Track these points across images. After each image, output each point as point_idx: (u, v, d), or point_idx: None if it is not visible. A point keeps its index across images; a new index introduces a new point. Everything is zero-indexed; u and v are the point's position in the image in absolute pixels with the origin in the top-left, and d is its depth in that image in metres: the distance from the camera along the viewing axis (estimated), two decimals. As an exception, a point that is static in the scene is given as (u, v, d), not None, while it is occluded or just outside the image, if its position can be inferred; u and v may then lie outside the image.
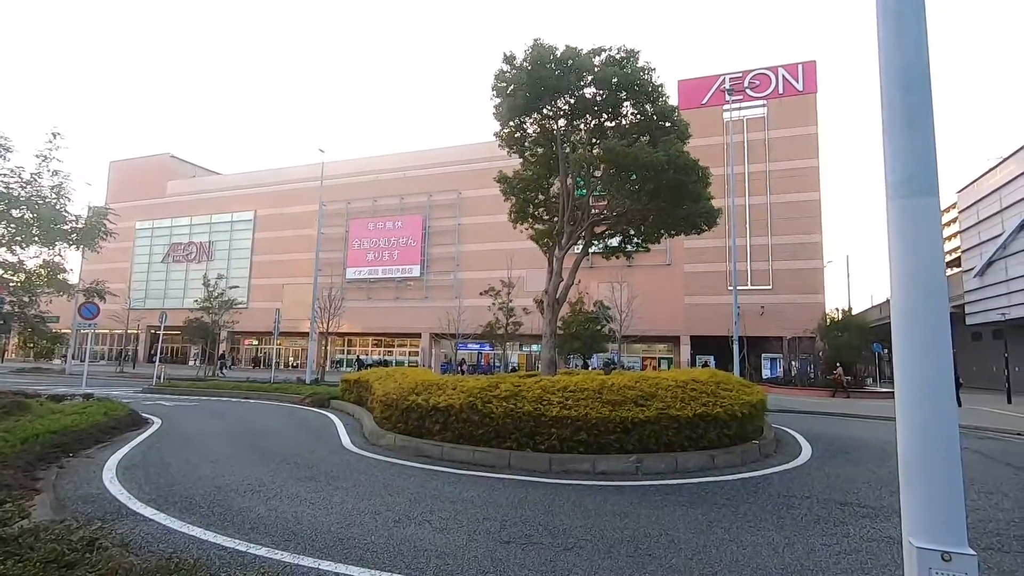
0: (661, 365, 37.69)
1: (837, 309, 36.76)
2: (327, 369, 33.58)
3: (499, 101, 14.48)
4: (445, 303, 37.56)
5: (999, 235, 31.35)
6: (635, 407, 7.94)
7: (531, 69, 13.55)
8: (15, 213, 11.37)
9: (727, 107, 34.34)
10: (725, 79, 36.42)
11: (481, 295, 28.65)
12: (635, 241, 17.09)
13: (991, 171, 33.57)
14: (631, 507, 5.78)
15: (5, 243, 11.58)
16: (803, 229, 34.40)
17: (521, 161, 16.59)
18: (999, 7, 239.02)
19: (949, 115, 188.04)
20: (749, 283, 34.59)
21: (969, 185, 36.57)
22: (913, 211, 1.98)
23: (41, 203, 11.47)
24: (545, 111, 14.77)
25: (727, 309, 28.29)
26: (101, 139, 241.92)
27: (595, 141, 14.85)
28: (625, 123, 14.70)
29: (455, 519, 5.19)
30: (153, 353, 44.73)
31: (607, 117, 14.83)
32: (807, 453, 9.22)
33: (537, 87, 13.70)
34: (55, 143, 11.85)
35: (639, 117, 14.52)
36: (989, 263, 32.35)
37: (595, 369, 28.90)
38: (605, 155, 13.57)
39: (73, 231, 12.05)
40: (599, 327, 30.82)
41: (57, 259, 12.59)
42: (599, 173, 15.04)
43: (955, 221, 47.31)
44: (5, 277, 12.59)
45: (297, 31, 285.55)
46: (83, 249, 12.75)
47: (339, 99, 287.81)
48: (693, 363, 34.20)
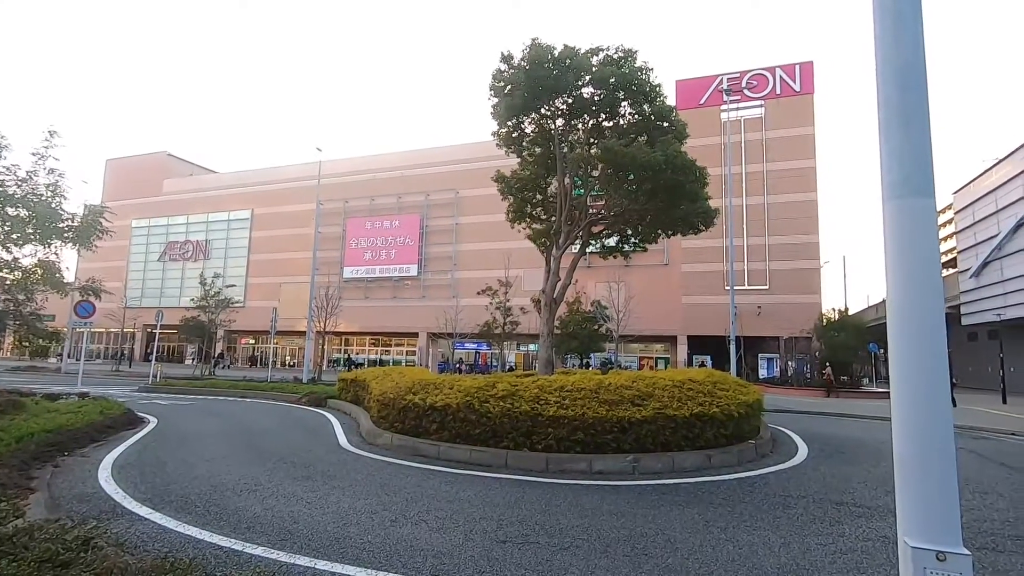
0: (658, 365, 37.74)
1: (834, 309, 36.94)
2: (324, 368, 33.54)
3: (497, 101, 14.49)
4: (442, 302, 37.52)
5: (995, 236, 31.47)
6: (632, 407, 7.95)
7: (529, 69, 13.55)
8: (10, 211, 11.30)
9: (725, 107, 34.41)
10: (723, 79, 36.47)
11: (478, 294, 28.66)
12: (632, 241, 17.12)
13: (987, 172, 33.70)
14: (628, 507, 5.78)
15: (0, 241, 11.53)
16: (800, 229, 34.48)
17: (519, 160, 16.59)
18: (996, 7, 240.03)
19: (946, 116, 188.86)
20: (746, 283, 34.66)
21: (965, 186, 36.71)
22: (909, 211, 1.99)
23: (37, 201, 11.40)
24: (543, 111, 14.78)
25: (724, 309, 28.36)
26: (97, 137, 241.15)
27: (593, 141, 14.87)
28: (623, 123, 14.73)
29: (452, 518, 5.18)
30: (149, 352, 44.58)
31: (605, 117, 14.85)
32: (803, 453, 9.24)
33: (535, 87, 13.70)
34: (51, 141, 11.80)
35: (637, 117, 14.54)
36: (985, 264, 32.48)
37: (593, 369, 28.95)
38: (603, 155, 13.59)
39: (69, 229, 11.99)
40: (596, 327, 30.86)
41: (53, 257, 12.54)
42: (597, 173, 15.07)
43: (951, 222, 47.48)
44: (1, 275, 12.53)
45: (295, 29, 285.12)
46: (79, 247, 12.70)
47: (337, 98, 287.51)
48: (690, 363, 34.26)
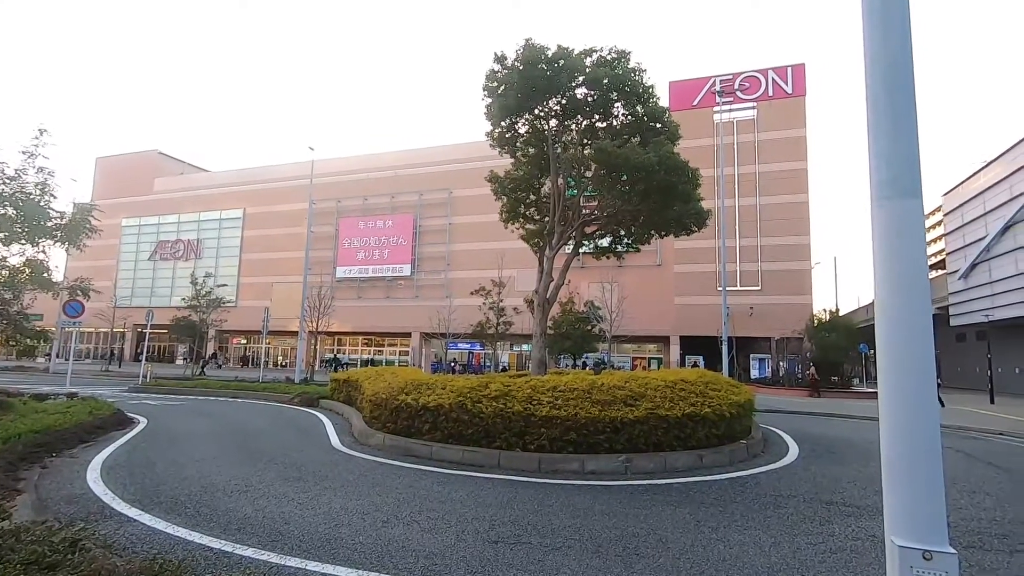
0: (651, 365, 37.84)
1: (825, 310, 37.24)
2: (316, 368, 33.40)
3: (490, 101, 14.47)
4: (436, 302, 37.46)
5: (983, 238, 31.83)
6: (624, 407, 7.97)
7: (522, 69, 13.54)
8: (-2, 210, 11.18)
9: (717, 109, 34.59)
10: (715, 81, 36.66)
11: (472, 294, 28.62)
12: (625, 241, 17.16)
13: (975, 175, 34.08)
14: (620, 506, 5.79)
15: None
16: (791, 231, 34.69)
17: (512, 161, 16.59)
18: (985, 8, 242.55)
19: (935, 117, 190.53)
20: (738, 284, 34.84)
21: (954, 188, 37.11)
22: (897, 212, 2.00)
23: (25, 200, 11.29)
24: (536, 111, 14.78)
25: (716, 310, 28.48)
26: (87, 135, 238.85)
27: (586, 141, 14.88)
28: (616, 124, 14.75)
29: (444, 519, 5.17)
30: (139, 352, 44.23)
31: (598, 118, 14.87)
32: (794, 453, 9.30)
33: (528, 87, 13.70)
34: (42, 140, 11.70)
35: (630, 118, 14.57)
36: (973, 265, 32.84)
37: (588, 369, 28.99)
38: (596, 155, 13.60)
39: (57, 228, 11.89)
40: (589, 327, 30.92)
41: (41, 256, 12.42)
42: (590, 173, 15.09)
43: (940, 224, 47.95)
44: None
45: (289, 28, 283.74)
46: (68, 246, 12.59)
47: (330, 98, 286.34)
48: (683, 363, 34.39)
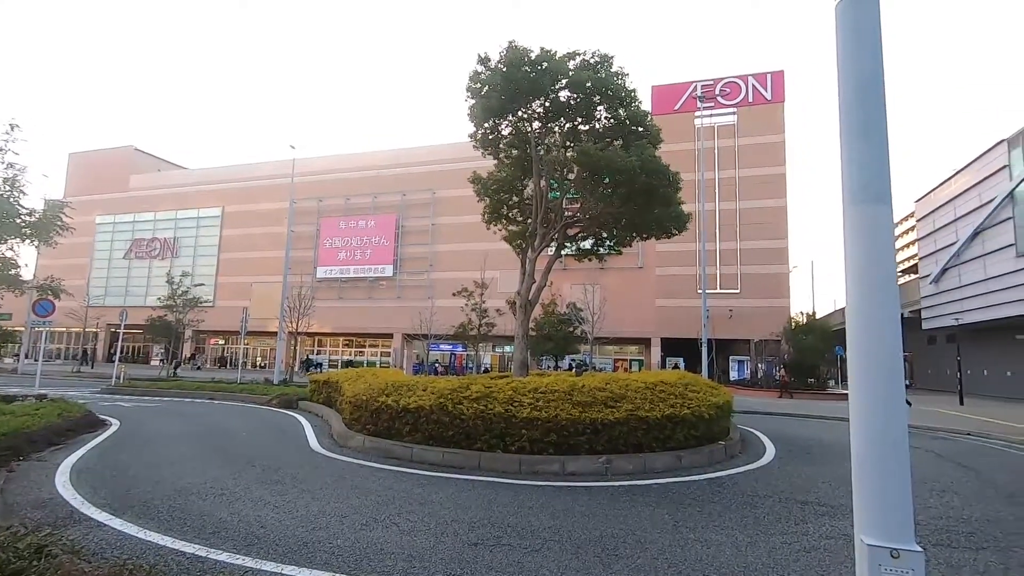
0: (632, 367, 38.12)
1: (802, 313, 37.94)
2: (296, 370, 32.99)
3: (473, 102, 14.46)
4: (418, 303, 37.28)
5: (953, 243, 32.70)
6: (605, 408, 8.01)
7: (505, 71, 13.56)
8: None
9: (699, 114, 34.96)
10: (697, 86, 37.13)
11: (454, 296, 28.55)
12: (608, 244, 17.27)
13: (946, 182, 35.01)
14: (599, 507, 5.82)
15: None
16: (770, 235, 35.26)
17: (495, 162, 16.59)
18: (956, 20, 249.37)
19: (911, 125, 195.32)
20: (718, 287, 35.29)
21: (926, 195, 38.07)
22: (868, 217, 2.06)
23: (-7, 196, 11.00)
24: (520, 113, 14.80)
25: (697, 312, 28.80)
26: (60, 130, 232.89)
27: (569, 144, 14.95)
28: (599, 127, 14.85)
29: (423, 521, 5.14)
30: (113, 352, 43.18)
31: (581, 120, 14.95)
32: (771, 453, 9.44)
33: (511, 89, 13.72)
34: (12, 135, 11.42)
35: (613, 121, 14.68)
36: (944, 270, 33.71)
37: (567, 371, 29.08)
38: (579, 158, 13.68)
39: (27, 225, 11.60)
40: (571, 329, 31.04)
41: (9, 254, 12.10)
42: (572, 176, 15.16)
43: (913, 229, 49.15)
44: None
45: (271, 26, 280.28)
46: (38, 244, 12.28)
47: (313, 97, 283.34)
48: (663, 365, 34.73)
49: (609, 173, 13.65)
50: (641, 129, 14.63)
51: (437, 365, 38.12)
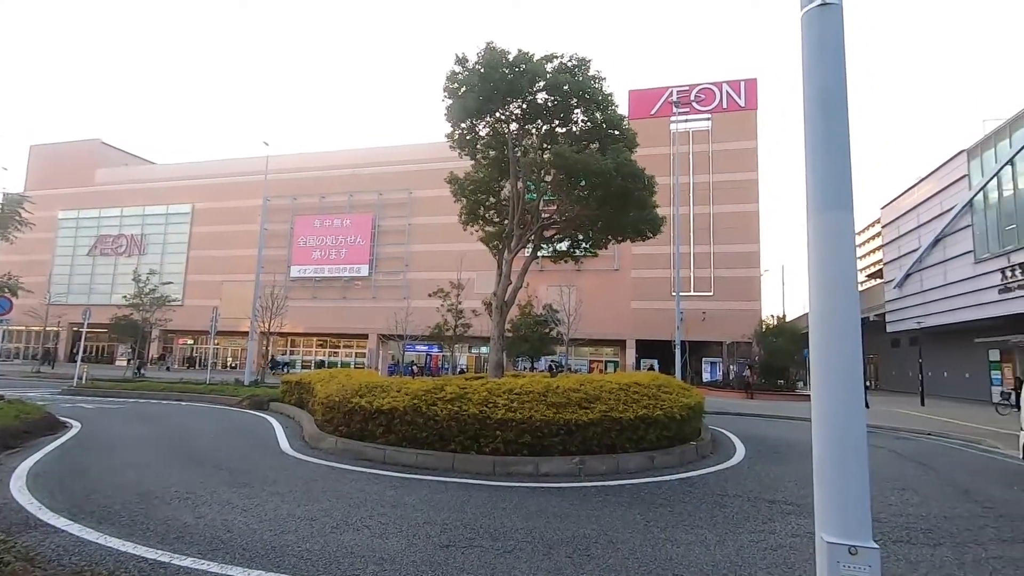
0: (607, 368, 38.44)
1: (772, 316, 38.63)
2: (267, 370, 32.38)
3: (451, 102, 14.41)
4: (393, 304, 36.94)
5: (916, 249, 33.78)
6: (579, 409, 8.06)
7: (483, 72, 13.55)
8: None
9: (674, 119, 35.48)
10: (673, 92, 37.60)
11: (430, 296, 28.38)
12: (584, 246, 17.39)
13: (910, 190, 36.16)
14: (572, 508, 5.85)
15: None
16: (742, 239, 35.92)
17: (472, 163, 16.57)
18: (916, 33, 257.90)
19: (881, 131, 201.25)
20: (692, 290, 35.78)
21: (892, 202, 39.26)
22: (830, 223, 2.11)
23: (-53, 188, 10.55)
24: (497, 114, 14.81)
25: (671, 314, 29.14)
26: (22, 122, 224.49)
27: (546, 146, 15.01)
28: (576, 130, 14.94)
29: (395, 524, 5.10)
30: (75, 352, 41.75)
31: (558, 123, 15.03)
32: (741, 453, 9.62)
33: (489, 90, 13.71)
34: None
35: (589, 124, 14.79)
36: (907, 275, 34.79)
37: (541, 371, 29.18)
38: (555, 160, 13.74)
39: (-17, 219, 11.14)
40: (548, 330, 31.13)
41: (-36, 249, 11.61)
42: (549, 178, 15.22)
43: (879, 235, 50.61)
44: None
45: (245, 21, 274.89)
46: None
47: (288, 95, 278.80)
48: (638, 366, 35.07)
49: (585, 176, 13.75)
50: (617, 133, 14.77)
51: (413, 366, 37.86)
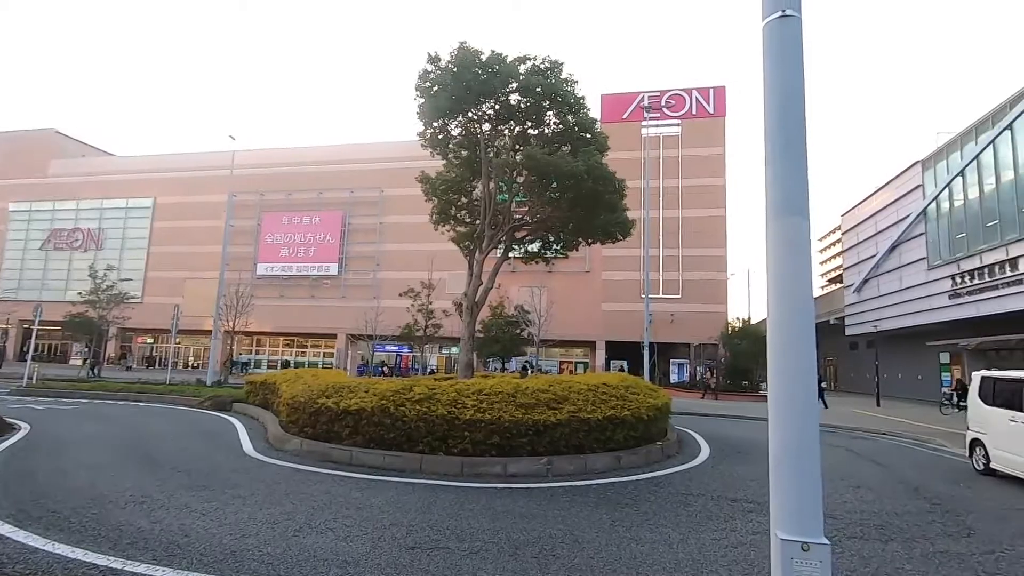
0: (577, 369, 38.73)
1: (738, 318, 39.48)
2: (231, 370, 31.57)
3: (423, 101, 14.31)
4: (363, 303, 36.43)
5: (874, 256, 35.06)
6: (548, 410, 8.10)
7: (456, 71, 13.50)
8: None
9: (645, 124, 36.00)
10: (644, 97, 38.17)
11: (401, 296, 28.09)
12: (555, 247, 17.49)
13: (869, 198, 37.51)
14: (539, 509, 5.87)
15: None
16: (710, 243, 36.66)
17: (444, 163, 16.49)
18: (889, 39, 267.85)
19: (841, 138, 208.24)
20: (661, 292, 36.36)
21: (851, 209, 40.65)
22: (788, 229, 2.17)
23: None
24: (470, 114, 14.78)
25: (641, 316, 29.54)
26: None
27: (518, 147, 15.04)
28: (548, 132, 15.02)
29: (360, 526, 5.03)
30: (25, 350, 39.90)
31: (531, 124, 15.09)
32: (705, 453, 9.82)
33: (462, 89, 13.67)
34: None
35: (561, 127, 14.89)
36: (865, 281, 36.08)
37: (512, 372, 29.23)
38: (527, 161, 13.77)
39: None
40: (518, 331, 31.18)
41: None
42: (521, 179, 15.26)
43: (839, 242, 52.28)
44: None
45: (213, 12, 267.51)
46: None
47: (254, 89, 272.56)
48: (608, 367, 35.44)
49: (556, 177, 13.83)
50: (589, 136, 14.90)
51: (383, 367, 37.44)
